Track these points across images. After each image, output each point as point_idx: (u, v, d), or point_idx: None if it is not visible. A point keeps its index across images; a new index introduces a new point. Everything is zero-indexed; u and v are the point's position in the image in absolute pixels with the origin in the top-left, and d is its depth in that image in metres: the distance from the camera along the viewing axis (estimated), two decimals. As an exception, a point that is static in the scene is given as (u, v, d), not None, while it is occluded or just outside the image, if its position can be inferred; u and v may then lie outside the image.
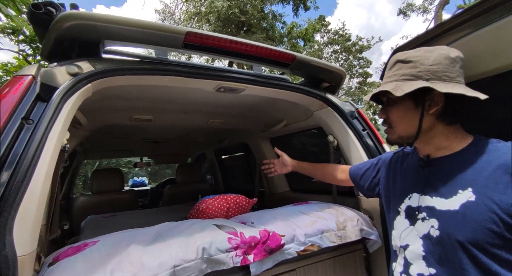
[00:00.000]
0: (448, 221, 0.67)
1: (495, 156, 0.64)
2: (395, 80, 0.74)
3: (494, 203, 0.60)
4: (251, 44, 1.06)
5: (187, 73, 1.04)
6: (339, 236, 1.15)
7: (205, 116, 1.87)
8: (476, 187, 0.64)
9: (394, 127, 0.79)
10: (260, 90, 1.29)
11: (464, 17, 0.78)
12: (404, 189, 0.84)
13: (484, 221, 0.61)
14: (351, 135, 1.36)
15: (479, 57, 0.80)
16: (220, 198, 1.31)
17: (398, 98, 0.73)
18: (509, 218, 0.58)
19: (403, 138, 0.78)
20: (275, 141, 2.30)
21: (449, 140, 0.74)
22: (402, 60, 0.74)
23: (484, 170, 0.64)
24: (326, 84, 1.44)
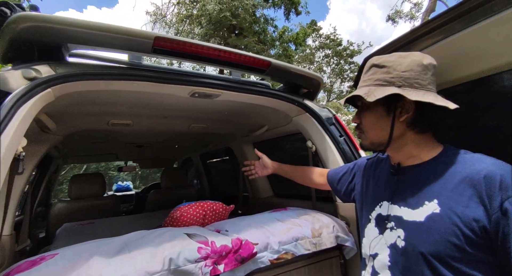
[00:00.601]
0: (413, 232, 0.67)
1: (461, 167, 0.64)
2: (369, 85, 0.74)
3: (456, 216, 0.60)
4: (224, 50, 1.05)
5: (158, 79, 1.02)
6: (314, 243, 1.14)
7: (186, 121, 1.85)
8: (441, 198, 0.64)
9: (366, 133, 0.79)
10: (236, 96, 1.28)
11: (436, 23, 0.79)
12: (376, 196, 0.84)
13: (447, 234, 0.60)
14: (328, 141, 1.36)
15: (449, 64, 0.81)
16: (196, 205, 1.29)
17: (371, 104, 0.73)
18: (470, 231, 0.58)
19: (374, 144, 0.78)
20: (258, 145, 2.29)
21: (419, 149, 0.73)
22: (377, 65, 0.74)
23: (450, 182, 0.64)
24: (305, 90, 1.45)
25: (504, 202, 0.55)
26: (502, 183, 0.56)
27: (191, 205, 1.28)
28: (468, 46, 0.79)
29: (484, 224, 0.57)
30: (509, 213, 0.54)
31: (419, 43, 0.83)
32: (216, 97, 1.24)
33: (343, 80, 17.84)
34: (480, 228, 0.57)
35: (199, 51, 1.01)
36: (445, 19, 0.78)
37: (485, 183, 0.58)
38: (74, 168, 10.09)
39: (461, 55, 0.80)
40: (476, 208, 0.58)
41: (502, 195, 0.55)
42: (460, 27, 0.78)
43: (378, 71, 0.73)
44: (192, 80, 1.07)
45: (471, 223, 0.58)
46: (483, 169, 0.60)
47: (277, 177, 2.32)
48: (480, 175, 0.59)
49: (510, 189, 0.55)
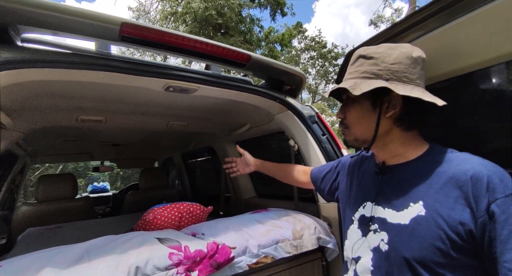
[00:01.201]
0: (397, 235, 0.63)
1: (447, 167, 0.61)
2: (355, 78, 0.69)
3: (442, 219, 0.56)
4: (200, 41, 0.98)
5: (128, 70, 0.93)
6: (295, 245, 1.09)
7: (164, 119, 1.76)
8: (426, 200, 0.61)
9: (351, 128, 0.74)
10: (215, 91, 1.22)
11: (418, 17, 0.76)
12: (359, 196, 0.80)
13: (432, 238, 0.57)
14: (311, 140, 1.32)
15: (434, 59, 0.78)
16: (171, 207, 1.21)
17: (357, 98, 0.68)
18: (455, 235, 0.54)
19: (359, 141, 0.74)
20: (241, 144, 2.22)
21: (405, 147, 0.70)
22: (364, 56, 0.69)
23: (436, 182, 0.61)
24: (287, 87, 1.40)
25: (491, 204, 0.52)
26: (489, 184, 0.53)
27: (166, 206, 1.20)
28: (448, 41, 0.76)
29: (470, 227, 0.53)
30: (496, 216, 0.51)
31: (408, 34, 0.80)
32: (193, 92, 1.17)
33: (327, 82, 18.11)
34: (466, 232, 0.54)
35: (173, 41, 0.93)
36: (433, 10, 0.75)
37: (472, 184, 0.55)
38: (49, 168, 9.57)
39: (444, 50, 0.78)
40: (462, 211, 0.55)
41: (489, 197, 0.52)
42: (443, 21, 0.76)
43: (365, 63, 0.68)
44: (166, 72, 0.99)
45: (457, 226, 0.54)
46: (470, 169, 0.56)
47: (260, 177, 2.28)
48: (466, 175, 0.56)
49: (497, 191, 0.52)
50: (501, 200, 0.51)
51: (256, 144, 2.16)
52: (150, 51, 0.93)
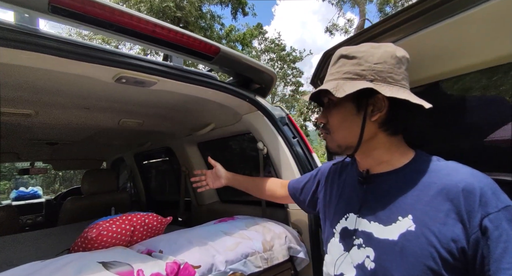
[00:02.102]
0: (385, 252, 0.58)
1: (436, 177, 0.57)
2: (337, 79, 0.64)
3: (433, 235, 0.52)
4: (161, 26, 0.83)
5: (64, 53, 0.74)
6: (265, 258, 1.01)
7: (115, 115, 1.53)
8: (416, 214, 0.56)
9: (333, 133, 0.68)
10: (177, 86, 1.07)
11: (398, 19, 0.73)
12: (340, 207, 0.73)
13: (423, 257, 0.52)
14: (281, 143, 1.25)
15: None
16: (121, 220, 1.02)
17: (340, 100, 0.63)
18: (447, 254, 0.50)
19: (342, 147, 0.68)
20: (203, 146, 2.08)
21: (390, 153, 0.65)
22: (345, 55, 0.64)
23: (425, 194, 0.56)
24: (256, 85, 1.31)
25: (484, 219, 0.49)
26: (481, 197, 0.50)
27: (115, 219, 1.01)
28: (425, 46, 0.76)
29: (463, 245, 0.50)
30: (488, 232, 0.48)
31: (390, 35, 0.76)
32: (151, 85, 1.00)
33: (286, 84, 18.63)
34: (458, 250, 0.50)
35: (126, 22, 0.76)
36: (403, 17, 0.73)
37: (464, 197, 0.51)
38: None
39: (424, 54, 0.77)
40: (453, 226, 0.51)
41: (482, 212, 0.49)
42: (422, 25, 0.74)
43: (348, 63, 0.63)
44: (118, 60, 0.82)
45: (449, 243, 0.50)
46: (461, 180, 0.53)
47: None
48: (458, 187, 0.52)
49: (490, 205, 0.49)
50: (494, 214, 0.49)
51: (221, 146, 2.03)
52: (94, 31, 0.75)
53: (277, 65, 18.45)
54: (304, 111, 13.41)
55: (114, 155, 3.19)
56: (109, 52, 0.82)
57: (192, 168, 2.07)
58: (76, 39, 0.84)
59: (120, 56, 0.83)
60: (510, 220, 0.48)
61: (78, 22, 0.72)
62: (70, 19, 0.70)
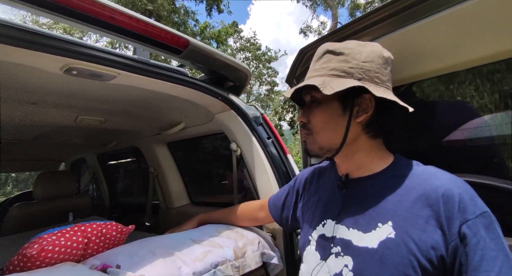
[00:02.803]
0: (364, 261, 0.55)
1: (416, 182, 0.55)
2: (322, 75, 0.60)
3: (413, 243, 0.50)
4: (121, 12, 0.73)
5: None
6: (237, 267, 0.95)
7: (70, 111, 1.37)
8: (396, 220, 0.54)
9: (315, 134, 0.64)
10: (142, 81, 0.97)
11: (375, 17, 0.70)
12: (317, 213, 0.70)
13: (403, 266, 0.50)
14: (255, 144, 1.20)
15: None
16: (72, 231, 0.90)
17: (325, 99, 0.60)
18: (427, 262, 0.48)
19: (323, 149, 0.64)
20: (174, 146, 1.96)
21: (371, 157, 0.62)
22: (332, 51, 0.60)
23: (405, 200, 0.54)
24: (230, 83, 1.24)
25: (462, 226, 0.48)
26: (460, 203, 0.49)
27: (64, 230, 0.88)
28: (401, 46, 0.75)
29: (442, 252, 0.48)
30: (467, 239, 0.47)
31: (370, 32, 0.74)
32: (110, 79, 0.89)
33: (261, 83, 18.70)
34: (438, 258, 0.49)
35: (76, 3, 0.66)
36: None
37: (443, 203, 0.50)
38: None
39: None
40: (433, 233, 0.50)
41: (461, 218, 0.48)
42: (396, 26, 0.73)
43: (334, 59, 0.59)
44: (65, 48, 0.70)
45: (428, 251, 0.49)
46: (440, 186, 0.52)
47: (196, 181, 2.06)
48: (437, 193, 0.51)
49: (468, 211, 0.48)
50: (472, 221, 0.48)
51: (192, 146, 1.93)
52: (35, 12, 0.63)
53: (252, 65, 18.43)
54: (279, 110, 13.55)
55: (74, 156, 2.93)
56: (54, 38, 0.70)
57: (161, 169, 1.95)
58: (18, 23, 0.71)
59: (69, 44, 0.71)
60: (487, 227, 0.47)
61: (19, 1, 0.60)
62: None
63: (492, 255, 0.46)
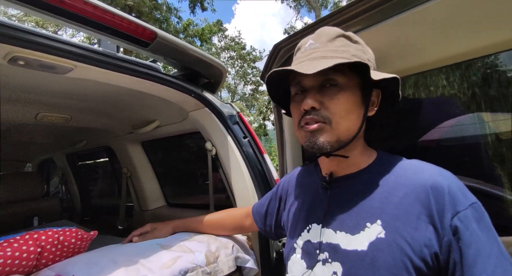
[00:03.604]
0: (354, 266, 0.50)
1: (403, 177, 0.52)
2: (342, 58, 0.52)
3: (405, 242, 0.47)
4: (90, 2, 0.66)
5: None
6: (208, 273, 0.90)
7: (29, 108, 1.26)
8: (385, 218, 0.50)
9: (336, 123, 0.53)
10: (105, 75, 0.89)
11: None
12: (301, 218, 0.65)
13: (396, 268, 0.46)
14: (230, 143, 1.15)
15: None
16: (23, 240, 0.81)
17: (347, 85, 0.53)
18: (421, 262, 0.45)
19: (341, 142, 0.54)
20: (148, 145, 1.88)
21: (361, 154, 0.59)
22: (348, 37, 0.55)
23: (393, 195, 0.51)
24: (205, 80, 1.19)
25: (453, 218, 0.45)
26: (449, 194, 0.46)
27: (13, 239, 0.80)
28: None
29: (436, 249, 0.45)
30: (459, 233, 0.44)
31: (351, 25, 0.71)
32: (66, 72, 0.81)
33: (246, 83, 18.64)
34: (431, 256, 0.46)
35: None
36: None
37: (434, 197, 0.47)
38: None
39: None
40: (425, 230, 0.46)
41: (451, 210, 0.46)
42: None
43: (352, 46, 0.55)
44: (7, 34, 0.62)
45: (422, 250, 0.46)
46: (428, 179, 0.49)
47: (172, 182, 1.98)
48: (426, 187, 0.48)
49: (459, 203, 0.46)
50: (463, 213, 0.45)
51: (167, 145, 1.85)
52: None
53: (237, 64, 18.35)
54: (264, 110, 13.57)
55: (40, 156, 2.74)
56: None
57: (135, 170, 1.86)
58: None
59: (12, 29, 0.63)
60: (478, 220, 0.45)
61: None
62: None
63: (486, 249, 0.44)
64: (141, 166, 1.86)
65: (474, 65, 0.70)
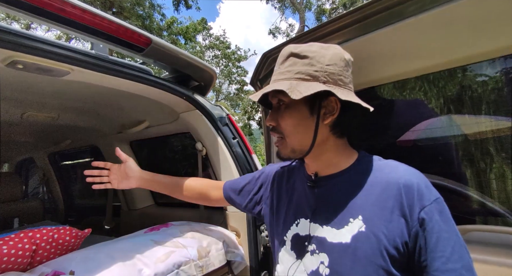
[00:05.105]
0: (339, 257, 0.57)
1: (380, 176, 0.59)
2: (289, 79, 0.60)
3: (382, 233, 0.54)
4: (72, 4, 0.69)
5: None
6: (200, 266, 0.95)
7: (16, 107, 1.25)
8: (365, 214, 0.57)
9: (287, 137, 0.64)
10: (99, 78, 0.92)
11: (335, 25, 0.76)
12: (290, 213, 0.71)
13: (374, 257, 0.53)
14: (220, 144, 1.21)
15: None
16: (18, 238, 0.83)
17: (292, 102, 0.60)
18: (394, 250, 0.52)
19: (296, 152, 0.64)
20: (136, 145, 1.89)
21: (339, 156, 0.65)
22: (296, 54, 0.61)
23: (371, 193, 0.58)
24: (195, 83, 1.23)
25: (421, 212, 0.53)
26: (418, 191, 0.54)
27: (8, 238, 0.81)
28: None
29: (406, 239, 0.53)
30: (425, 224, 0.52)
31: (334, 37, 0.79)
32: (63, 75, 0.84)
33: (231, 82, 18.59)
34: (403, 244, 0.53)
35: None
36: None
37: (405, 193, 0.54)
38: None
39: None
40: (398, 222, 0.54)
41: (419, 205, 0.53)
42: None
43: (299, 62, 0.60)
44: (7, 39, 0.64)
45: (395, 239, 0.53)
46: (400, 177, 0.56)
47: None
48: (399, 184, 0.56)
49: (425, 198, 0.53)
50: (428, 207, 0.53)
51: (157, 145, 1.87)
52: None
53: (222, 63, 18.23)
54: (249, 110, 13.60)
55: (19, 155, 2.65)
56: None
57: (122, 170, 1.86)
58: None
59: (13, 35, 0.66)
60: (440, 212, 0.53)
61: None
62: None
63: (445, 236, 0.51)
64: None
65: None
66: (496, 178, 0.78)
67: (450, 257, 0.50)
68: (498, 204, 0.78)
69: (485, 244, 0.74)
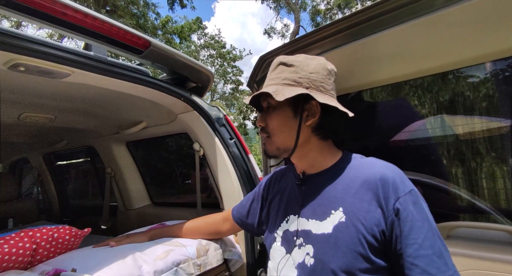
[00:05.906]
0: (322, 246, 0.62)
1: (360, 172, 0.64)
2: (276, 84, 0.68)
3: (360, 223, 0.58)
4: (74, 8, 0.71)
5: None
6: (198, 264, 0.97)
7: (13, 108, 1.25)
8: (345, 205, 0.62)
9: (273, 136, 0.71)
10: (98, 79, 0.94)
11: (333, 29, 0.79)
12: (280, 211, 0.76)
13: (353, 244, 0.57)
14: (218, 144, 1.23)
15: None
16: (18, 237, 0.84)
17: (279, 105, 0.68)
18: (372, 238, 0.57)
19: (280, 150, 0.71)
20: (133, 145, 1.89)
21: (323, 156, 0.71)
22: (284, 63, 0.69)
23: (351, 187, 0.63)
24: (192, 84, 1.25)
25: (396, 203, 0.57)
26: (393, 184, 0.58)
27: (8, 237, 0.82)
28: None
29: (383, 227, 0.57)
30: (400, 214, 0.56)
31: (314, 48, 0.83)
32: (63, 77, 0.85)
33: (226, 82, 18.56)
34: (380, 233, 0.57)
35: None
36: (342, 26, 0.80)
37: (381, 186, 0.59)
38: None
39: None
40: (375, 212, 0.58)
41: (394, 196, 0.57)
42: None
43: (286, 70, 0.68)
44: (10, 42, 0.65)
45: (373, 228, 0.57)
46: (378, 172, 0.61)
47: (157, 181, 2.01)
48: (376, 178, 0.60)
49: (399, 190, 0.58)
50: (403, 198, 0.57)
51: (153, 146, 1.88)
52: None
53: (217, 62, 18.19)
54: (244, 110, 13.62)
55: (13, 156, 2.63)
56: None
57: (119, 169, 1.87)
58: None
59: (15, 38, 0.67)
60: (414, 203, 0.58)
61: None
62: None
63: (418, 225, 0.55)
64: (125, 166, 1.88)
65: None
66: (476, 175, 0.82)
67: (422, 244, 0.55)
68: (483, 202, 0.82)
69: (471, 240, 0.78)
